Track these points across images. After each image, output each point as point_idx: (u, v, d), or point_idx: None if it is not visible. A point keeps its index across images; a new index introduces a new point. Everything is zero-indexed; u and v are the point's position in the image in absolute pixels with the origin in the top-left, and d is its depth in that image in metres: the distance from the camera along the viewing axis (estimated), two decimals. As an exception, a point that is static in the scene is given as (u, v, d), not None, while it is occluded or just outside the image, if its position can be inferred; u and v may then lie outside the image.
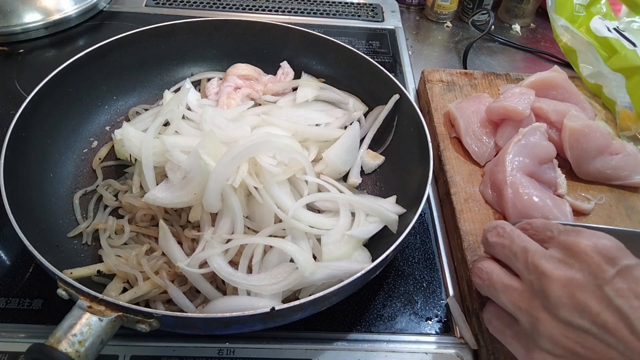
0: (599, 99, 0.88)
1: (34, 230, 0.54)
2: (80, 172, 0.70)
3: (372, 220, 0.62)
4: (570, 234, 0.45)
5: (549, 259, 0.44)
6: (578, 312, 0.42)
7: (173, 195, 0.59)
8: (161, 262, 0.57)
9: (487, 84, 0.88)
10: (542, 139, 0.69)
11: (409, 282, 0.64)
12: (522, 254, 0.46)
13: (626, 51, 0.84)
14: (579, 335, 0.42)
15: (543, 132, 0.69)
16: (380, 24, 1.11)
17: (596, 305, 0.41)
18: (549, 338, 0.43)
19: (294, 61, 0.84)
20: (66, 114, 0.70)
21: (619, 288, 0.41)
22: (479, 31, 1.10)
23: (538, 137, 0.69)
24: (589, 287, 0.42)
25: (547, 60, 1.07)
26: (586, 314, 0.41)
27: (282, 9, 1.12)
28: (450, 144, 0.76)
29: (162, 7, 1.09)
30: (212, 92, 0.80)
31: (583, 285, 0.42)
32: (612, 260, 0.42)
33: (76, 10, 0.99)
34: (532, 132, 0.69)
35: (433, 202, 0.74)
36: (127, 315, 0.45)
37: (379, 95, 0.76)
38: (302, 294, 0.56)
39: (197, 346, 0.55)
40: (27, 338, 0.54)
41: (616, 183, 0.72)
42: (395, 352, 0.56)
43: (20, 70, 0.90)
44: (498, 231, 0.50)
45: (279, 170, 0.60)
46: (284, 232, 0.59)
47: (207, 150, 0.58)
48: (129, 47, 0.77)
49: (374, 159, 0.74)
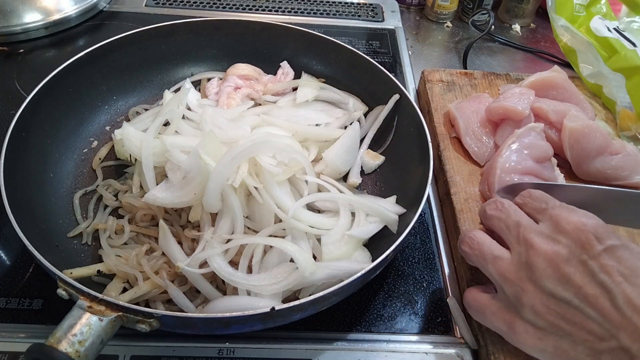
0: (599, 99, 0.88)
1: (34, 230, 0.54)
2: (80, 172, 0.70)
3: (372, 220, 0.62)
4: (562, 209, 0.48)
5: (539, 234, 0.47)
6: (562, 284, 0.44)
7: (173, 195, 0.59)
8: (161, 262, 0.57)
9: (487, 84, 0.88)
10: (538, 138, 0.69)
11: (409, 282, 0.64)
12: (514, 228, 0.49)
13: (626, 51, 0.84)
14: (560, 306, 0.44)
15: (538, 132, 0.69)
16: (380, 24, 1.11)
17: (580, 278, 0.43)
18: (532, 308, 0.45)
19: (294, 61, 0.84)
20: (66, 114, 0.70)
21: (603, 264, 0.43)
22: (479, 31, 1.10)
23: (533, 137, 0.69)
24: (574, 262, 0.44)
25: (547, 60, 1.07)
26: (569, 286, 0.44)
27: (282, 9, 1.12)
28: (450, 144, 0.76)
29: (162, 7, 1.09)
30: (212, 92, 0.80)
31: (568, 259, 0.44)
32: (599, 239, 0.44)
33: (76, 10, 0.99)
34: (527, 133, 0.69)
35: (433, 202, 0.74)
36: (127, 315, 0.45)
37: (379, 95, 0.76)
38: (302, 294, 0.56)
39: (197, 346, 0.55)
40: (27, 338, 0.54)
41: (616, 183, 0.72)
42: (395, 352, 0.56)
43: (20, 70, 0.90)
44: (497, 205, 0.53)
45: (279, 170, 0.60)
46: (284, 232, 0.59)
47: (207, 150, 0.58)
48: (129, 47, 0.77)
49: (374, 159, 0.74)
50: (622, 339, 0.41)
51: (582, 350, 0.43)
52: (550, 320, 0.44)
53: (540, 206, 0.50)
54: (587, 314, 0.43)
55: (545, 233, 0.47)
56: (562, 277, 0.44)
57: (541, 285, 0.45)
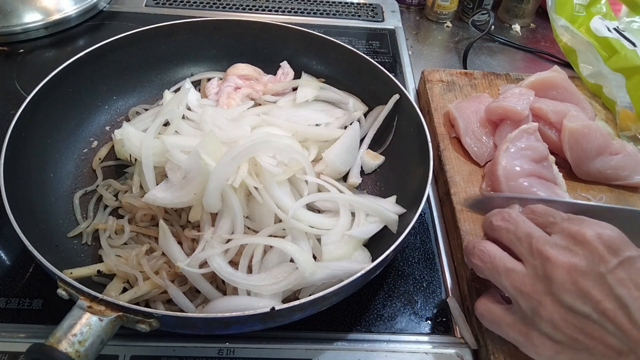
0: (599, 99, 0.88)
1: (34, 230, 0.54)
2: (80, 172, 0.70)
3: (372, 220, 0.62)
4: (573, 222, 0.47)
5: (553, 246, 0.46)
6: (580, 298, 0.43)
7: (173, 195, 0.59)
8: (161, 262, 0.57)
9: (487, 84, 0.88)
10: (532, 140, 0.69)
11: (409, 282, 0.64)
12: (526, 239, 0.47)
13: (626, 51, 0.84)
14: (579, 320, 0.43)
15: (532, 133, 0.69)
16: (380, 24, 1.11)
17: (598, 293, 0.42)
18: (550, 321, 0.44)
19: (294, 61, 0.84)
20: (66, 114, 0.70)
21: (620, 278, 0.42)
22: (479, 31, 1.10)
23: (526, 139, 0.69)
24: (592, 275, 0.43)
25: (547, 60, 1.07)
26: (588, 300, 0.43)
27: (282, 9, 1.12)
28: (450, 144, 0.76)
29: (162, 7, 1.09)
30: (212, 92, 0.80)
31: (586, 272, 0.43)
32: (615, 251, 0.43)
33: (76, 10, 0.99)
34: (520, 135, 0.68)
35: (433, 202, 0.74)
36: (127, 315, 0.45)
37: (379, 95, 0.75)
38: (302, 294, 0.56)
39: (197, 346, 0.55)
40: (27, 338, 0.54)
41: (616, 183, 0.72)
42: (395, 352, 0.56)
43: (20, 70, 0.90)
44: (503, 216, 0.51)
45: (279, 170, 0.60)
46: (284, 232, 0.59)
47: (207, 150, 0.58)
48: (129, 47, 0.77)
49: (374, 159, 0.74)
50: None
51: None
52: (569, 333, 0.44)
53: (547, 220, 0.48)
54: (606, 328, 0.42)
55: (561, 245, 0.45)
56: (580, 291, 0.43)
57: (560, 299, 0.44)
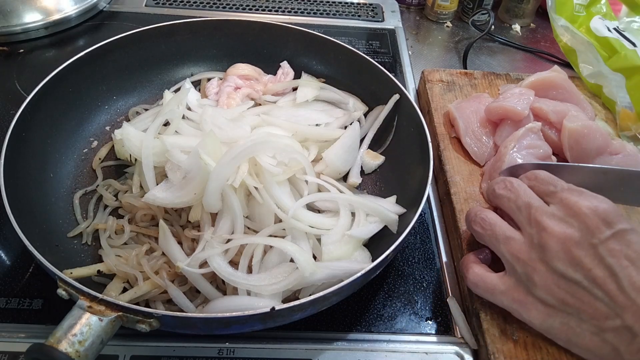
0: (599, 99, 0.88)
1: (34, 230, 0.54)
2: (80, 172, 0.70)
3: (372, 220, 0.62)
4: (572, 193, 0.49)
5: (550, 216, 0.48)
6: (572, 266, 0.46)
7: (173, 195, 0.59)
8: (161, 262, 0.57)
9: (487, 84, 0.88)
10: (536, 139, 0.69)
11: (409, 282, 0.64)
12: (525, 209, 0.50)
13: (626, 51, 0.84)
14: (570, 286, 0.46)
15: (536, 132, 0.69)
16: (380, 24, 1.11)
17: (589, 261, 0.46)
18: (543, 287, 0.47)
19: (294, 61, 0.84)
20: (66, 114, 0.70)
21: (611, 248, 0.45)
22: (479, 31, 1.10)
23: (531, 138, 0.69)
24: (585, 245, 0.46)
25: (547, 60, 1.07)
26: (579, 268, 0.46)
27: (282, 9, 1.12)
28: (450, 144, 0.76)
29: (162, 7, 1.09)
30: (212, 92, 0.80)
31: (579, 242, 0.46)
32: (609, 224, 0.46)
33: (76, 10, 0.99)
34: (526, 134, 0.69)
35: (433, 202, 0.74)
36: (127, 315, 0.45)
37: (379, 95, 0.75)
38: (302, 294, 0.56)
39: (197, 346, 0.55)
40: (27, 338, 0.54)
41: (616, 183, 0.72)
42: (395, 352, 0.56)
43: (20, 70, 0.90)
44: (506, 184, 0.53)
45: (279, 170, 0.60)
46: (284, 232, 0.59)
47: (207, 150, 0.58)
48: (129, 47, 0.77)
49: (374, 159, 0.74)
50: (626, 319, 0.44)
51: (587, 327, 0.46)
52: (560, 297, 0.47)
53: (548, 189, 0.51)
54: (595, 294, 0.45)
55: (557, 215, 0.48)
56: (572, 260, 0.46)
57: (553, 266, 0.47)
